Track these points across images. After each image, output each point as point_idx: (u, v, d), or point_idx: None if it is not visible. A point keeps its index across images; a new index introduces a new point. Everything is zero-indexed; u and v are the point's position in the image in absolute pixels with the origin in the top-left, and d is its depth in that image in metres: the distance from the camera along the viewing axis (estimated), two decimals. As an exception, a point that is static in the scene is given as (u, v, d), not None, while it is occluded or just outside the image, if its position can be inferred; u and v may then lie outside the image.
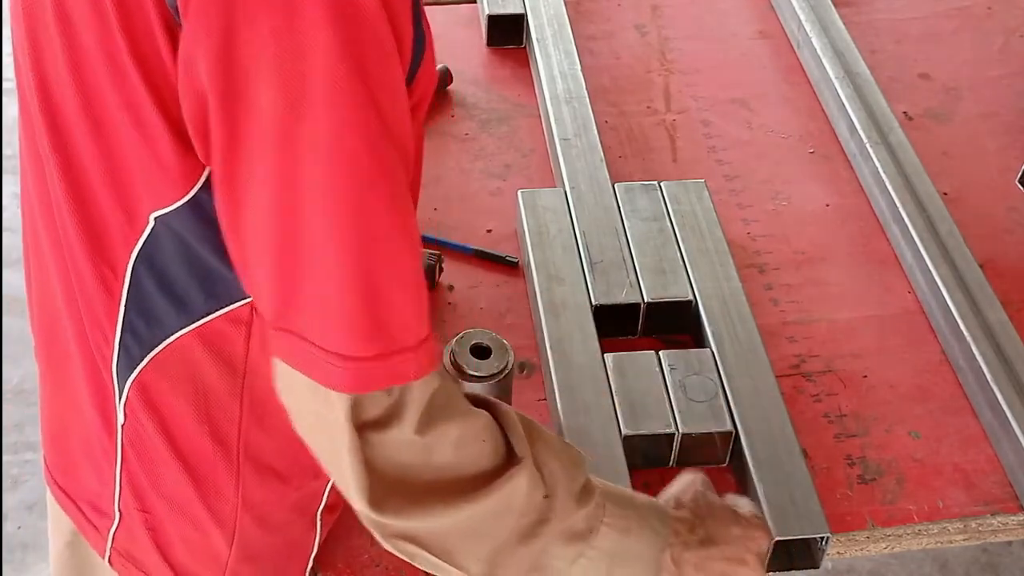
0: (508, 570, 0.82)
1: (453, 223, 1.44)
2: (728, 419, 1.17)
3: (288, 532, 1.00)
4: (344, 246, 0.69)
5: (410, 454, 0.77)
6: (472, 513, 0.79)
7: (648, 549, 0.89)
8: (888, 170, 1.47)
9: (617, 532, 0.86)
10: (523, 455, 0.81)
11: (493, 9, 1.71)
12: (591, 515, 0.85)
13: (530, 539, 0.82)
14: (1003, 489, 1.19)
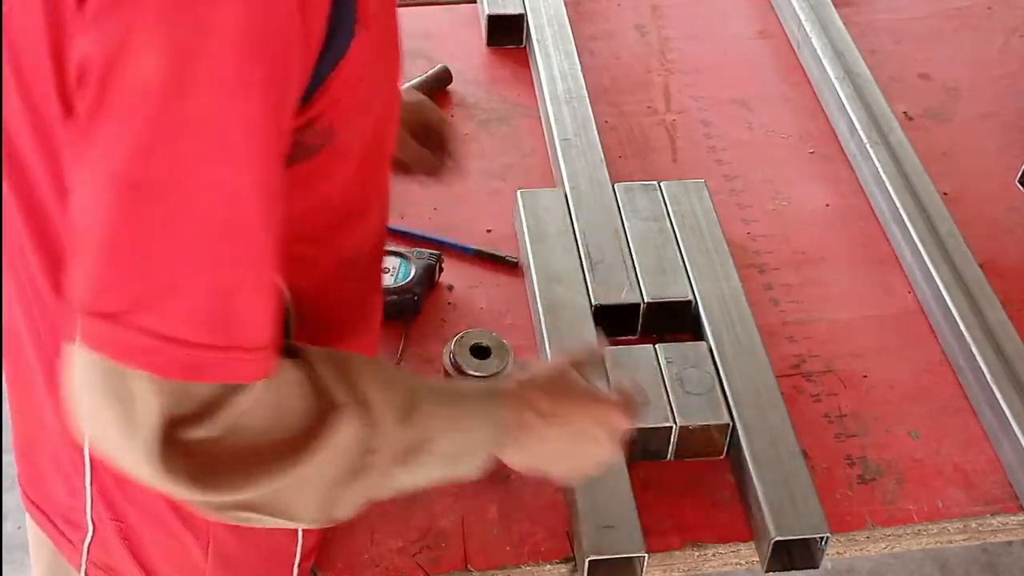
0: (345, 506, 0.81)
1: (453, 223, 1.44)
2: (725, 412, 1.17)
3: (267, 540, 0.99)
4: (201, 231, 0.67)
5: (218, 440, 0.73)
6: (302, 471, 0.76)
7: (486, 438, 0.88)
8: (888, 170, 1.47)
9: (450, 435, 0.85)
10: (342, 399, 0.78)
11: (493, 9, 1.71)
12: (421, 430, 0.82)
13: (363, 472, 0.79)
14: (1003, 489, 1.19)
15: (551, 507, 1.15)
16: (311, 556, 1.07)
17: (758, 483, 1.12)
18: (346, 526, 1.12)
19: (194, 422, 0.71)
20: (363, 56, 0.75)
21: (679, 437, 1.17)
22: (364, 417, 0.78)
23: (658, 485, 1.17)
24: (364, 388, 0.79)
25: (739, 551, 1.14)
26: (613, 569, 1.09)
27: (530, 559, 1.11)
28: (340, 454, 0.77)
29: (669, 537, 1.13)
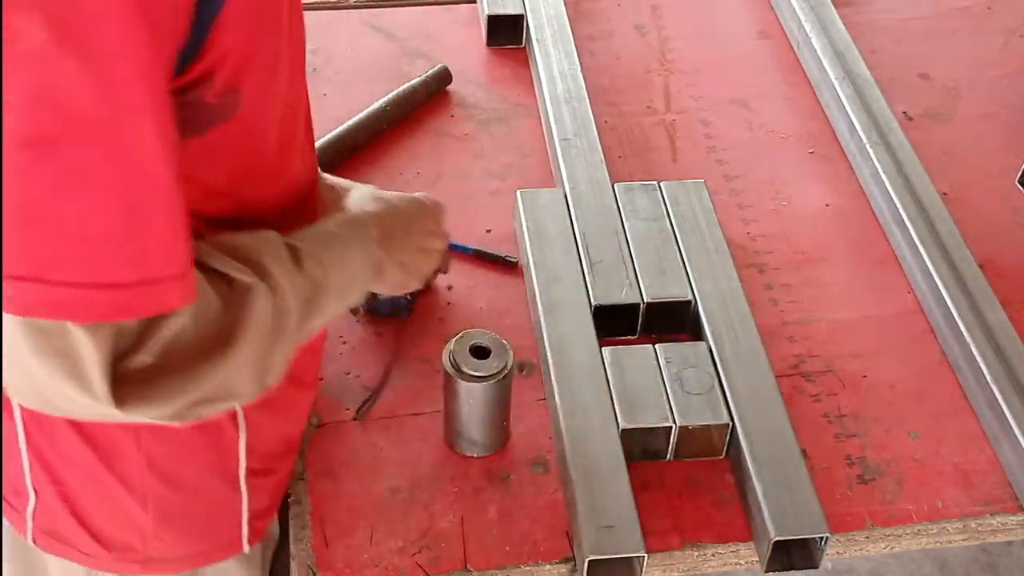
0: (275, 369, 0.85)
1: (453, 223, 1.43)
2: (725, 412, 1.18)
3: (207, 495, 1.01)
4: (102, 177, 0.68)
5: (161, 359, 0.76)
6: (236, 355, 0.80)
7: (364, 266, 0.96)
8: (888, 170, 1.47)
9: (337, 273, 0.91)
10: (248, 280, 0.81)
11: (493, 9, 1.71)
12: (314, 278, 0.88)
13: (282, 334, 0.84)
14: (1002, 489, 1.19)
15: (551, 507, 1.15)
16: (265, 516, 1.07)
17: (758, 483, 1.12)
18: (346, 526, 1.12)
19: (135, 352, 0.74)
20: (246, 8, 0.75)
21: (679, 437, 1.17)
22: (271, 287, 0.82)
23: (658, 485, 1.17)
24: (260, 261, 0.83)
25: (739, 551, 1.14)
26: (613, 569, 1.09)
27: (530, 559, 1.11)
28: (262, 327, 0.82)
29: (669, 537, 1.13)
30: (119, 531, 1.01)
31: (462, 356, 1.12)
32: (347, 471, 1.17)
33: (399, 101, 1.58)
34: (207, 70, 0.75)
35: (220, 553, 1.06)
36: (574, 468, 1.13)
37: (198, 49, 0.74)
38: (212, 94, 0.77)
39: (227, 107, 0.79)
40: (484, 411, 1.14)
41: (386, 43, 1.74)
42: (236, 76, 0.78)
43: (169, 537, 1.01)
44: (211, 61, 0.75)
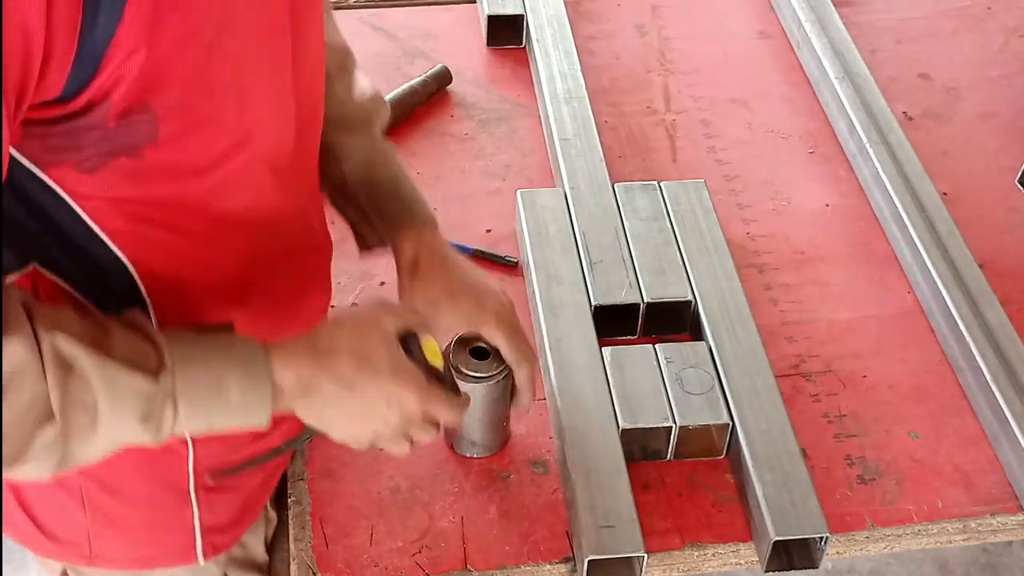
0: (31, 454, 0.77)
1: (453, 223, 1.44)
2: (725, 412, 1.18)
3: (153, 505, 1.00)
4: None
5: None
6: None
7: (246, 399, 0.84)
8: (888, 170, 1.47)
9: (200, 397, 0.82)
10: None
11: (493, 9, 1.71)
12: (155, 393, 0.80)
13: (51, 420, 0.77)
14: (1003, 489, 1.19)
15: (551, 507, 1.15)
16: (226, 532, 1.07)
17: (758, 483, 1.12)
18: (346, 526, 1.12)
19: None
20: (155, 25, 0.73)
21: (679, 437, 1.17)
22: (40, 349, 0.76)
23: (658, 485, 1.17)
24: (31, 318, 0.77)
25: (739, 551, 1.14)
26: (613, 569, 1.09)
27: (530, 559, 1.11)
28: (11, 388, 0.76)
29: (669, 537, 1.13)
30: (61, 526, 1.01)
31: (461, 357, 1.12)
32: (347, 471, 1.17)
33: (399, 101, 1.58)
34: (100, 93, 0.73)
35: (170, 559, 1.05)
36: (574, 468, 1.13)
37: (89, 75, 0.72)
38: (112, 117, 0.75)
39: (138, 128, 0.76)
40: (483, 412, 1.14)
41: (386, 43, 1.74)
42: (139, 96, 0.75)
43: (113, 538, 1.01)
44: (102, 85, 0.73)
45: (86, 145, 0.77)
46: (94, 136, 0.76)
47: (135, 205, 0.83)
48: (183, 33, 0.75)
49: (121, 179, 0.80)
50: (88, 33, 0.70)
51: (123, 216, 0.83)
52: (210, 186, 0.85)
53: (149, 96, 0.76)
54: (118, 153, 0.78)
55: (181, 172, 0.82)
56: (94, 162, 0.78)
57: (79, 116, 0.74)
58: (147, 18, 0.72)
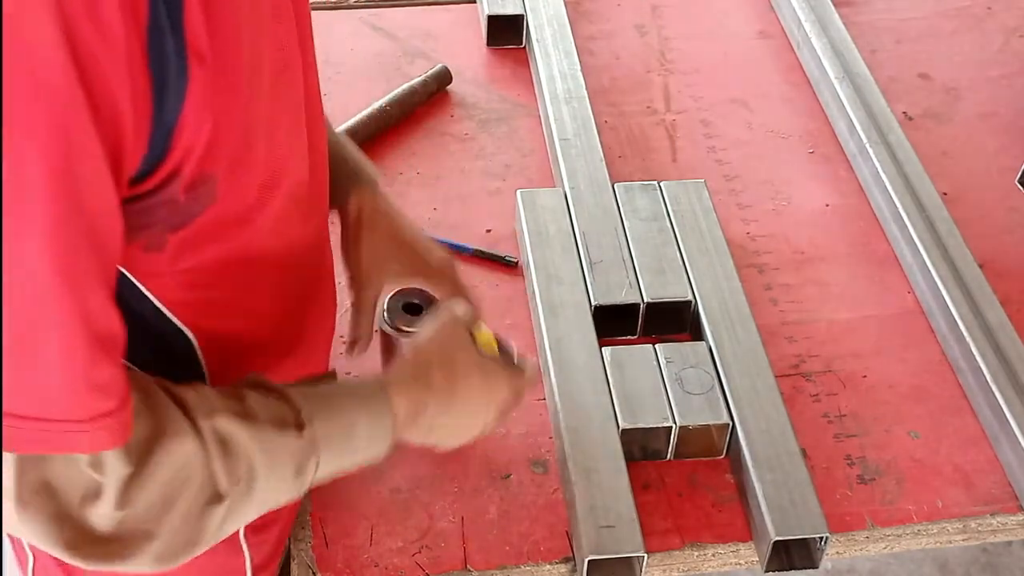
0: (207, 535, 0.81)
1: (453, 223, 1.44)
2: (725, 412, 1.18)
3: (207, 556, 1.00)
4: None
5: (113, 522, 0.75)
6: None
7: (371, 434, 0.89)
8: (888, 170, 1.47)
9: (335, 443, 0.86)
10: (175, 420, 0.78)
11: (493, 9, 1.71)
12: (303, 448, 0.84)
13: (220, 495, 0.80)
14: (1003, 489, 1.19)
15: (551, 507, 1.15)
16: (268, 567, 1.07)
17: (758, 483, 1.12)
18: (346, 526, 1.12)
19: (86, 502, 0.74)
20: (213, 93, 0.73)
21: (679, 437, 1.17)
22: (199, 436, 0.78)
23: (658, 485, 1.17)
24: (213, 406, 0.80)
25: (739, 551, 1.14)
26: (612, 569, 1.09)
27: (530, 559, 1.11)
28: (176, 482, 0.78)
29: (669, 537, 1.13)
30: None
31: (395, 313, 1.15)
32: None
33: (399, 101, 1.58)
34: (174, 168, 0.73)
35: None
36: (574, 468, 1.13)
37: (163, 151, 0.72)
38: (182, 191, 0.75)
39: (202, 198, 0.77)
40: None
41: (386, 43, 1.74)
42: (205, 166, 0.75)
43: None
44: (176, 159, 0.73)
45: (156, 222, 0.76)
46: (164, 212, 0.76)
47: (192, 273, 0.83)
48: (231, 91, 0.75)
49: (181, 250, 0.80)
50: (159, 109, 0.70)
51: (183, 287, 0.83)
52: (252, 232, 0.85)
53: (210, 164, 0.76)
54: (180, 227, 0.78)
55: (229, 226, 0.82)
56: (160, 240, 0.78)
57: (152, 194, 0.74)
58: (208, 87, 0.72)
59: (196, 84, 0.71)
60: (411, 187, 1.49)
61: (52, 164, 0.63)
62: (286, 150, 0.86)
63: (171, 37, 0.68)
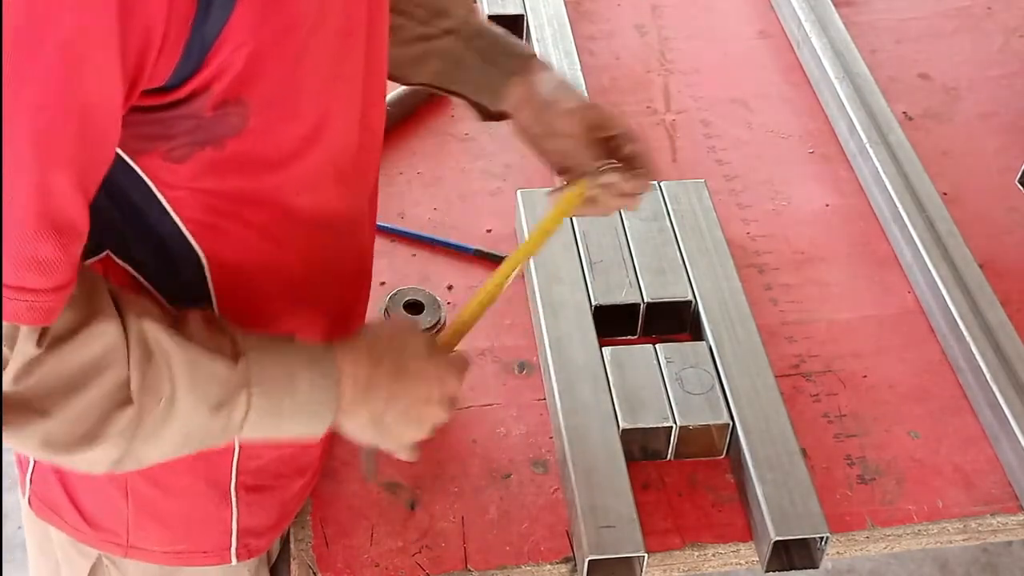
0: (105, 438, 0.79)
1: (453, 223, 1.44)
2: (725, 412, 1.18)
3: (195, 502, 1.01)
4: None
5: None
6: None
7: (313, 391, 0.85)
8: (888, 170, 1.47)
9: (271, 387, 0.83)
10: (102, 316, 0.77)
11: (493, 9, 1.71)
12: (233, 379, 0.82)
13: (128, 405, 0.79)
14: (1003, 489, 1.19)
15: (551, 507, 1.15)
16: (263, 535, 1.07)
17: (758, 483, 1.12)
18: (346, 526, 1.12)
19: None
20: (261, 22, 0.74)
21: (679, 437, 1.17)
22: (128, 334, 0.78)
23: (658, 485, 1.17)
24: (142, 312, 0.79)
25: (739, 551, 1.14)
26: (613, 569, 1.09)
27: (530, 559, 1.11)
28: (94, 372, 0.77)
29: (669, 537, 1.13)
30: (102, 514, 1.01)
31: (396, 311, 1.15)
32: (347, 471, 1.17)
33: (400, 101, 1.58)
34: (203, 84, 0.75)
35: (203, 558, 1.05)
36: (574, 468, 1.13)
37: (196, 66, 0.73)
38: (210, 107, 0.76)
39: (230, 119, 0.78)
40: None
41: (386, 43, 1.74)
42: (237, 89, 0.76)
43: (151, 529, 1.02)
44: (207, 76, 0.74)
45: (179, 134, 0.77)
46: (188, 125, 0.77)
47: (213, 196, 0.83)
48: (283, 28, 0.76)
49: (203, 170, 0.80)
50: (199, 25, 0.71)
51: (202, 207, 0.83)
52: (282, 181, 0.86)
53: (245, 89, 0.77)
54: (206, 143, 0.78)
55: (258, 165, 0.83)
56: (183, 152, 0.78)
57: (178, 105, 0.75)
58: (256, 13, 0.73)
59: (243, 8, 0.72)
60: (412, 187, 1.49)
61: (63, 44, 0.64)
62: (336, 113, 0.87)
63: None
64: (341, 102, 0.87)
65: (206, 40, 0.72)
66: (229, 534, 1.04)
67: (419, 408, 0.92)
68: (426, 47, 1.07)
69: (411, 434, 0.93)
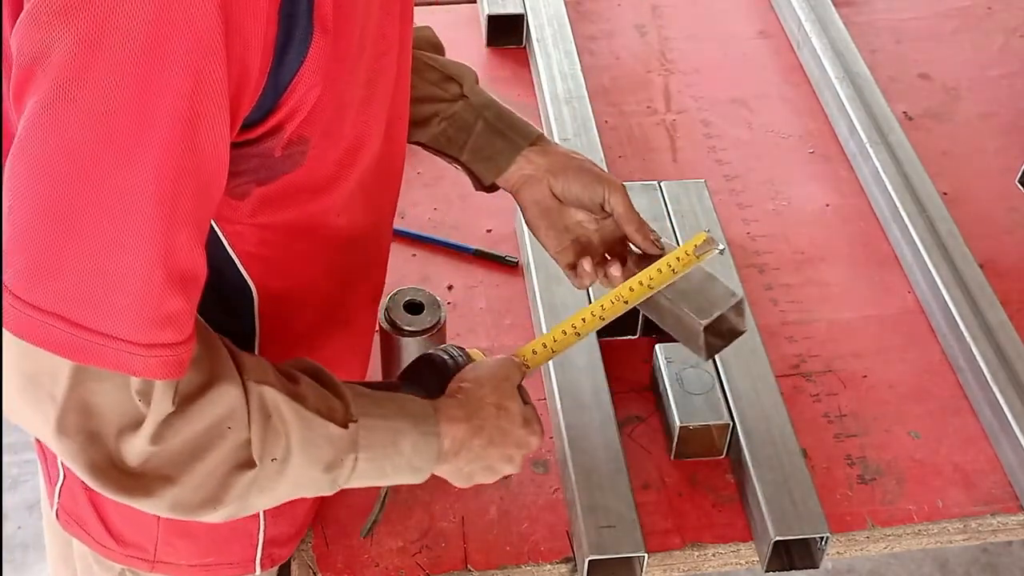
0: (227, 501, 0.81)
1: (453, 223, 1.44)
2: (725, 412, 1.18)
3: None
4: (88, 214, 0.67)
5: (144, 458, 0.77)
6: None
7: (416, 452, 0.89)
8: (888, 170, 1.47)
9: (377, 448, 0.87)
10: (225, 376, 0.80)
11: (493, 9, 1.71)
12: (344, 441, 0.85)
13: (248, 465, 0.81)
14: (1003, 489, 1.19)
15: (551, 507, 1.15)
16: (285, 544, 1.07)
17: (758, 483, 1.12)
18: (346, 527, 1.12)
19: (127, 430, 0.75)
20: (329, 63, 0.75)
21: (679, 437, 1.17)
22: (248, 396, 0.80)
23: (658, 485, 1.17)
24: (264, 374, 0.81)
25: (739, 551, 1.14)
26: (613, 569, 1.09)
27: (530, 559, 1.11)
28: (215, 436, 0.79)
29: (669, 537, 1.13)
30: (131, 530, 1.02)
31: (396, 312, 1.15)
32: (347, 471, 1.17)
33: (399, 101, 1.58)
34: (276, 126, 0.76)
35: (229, 570, 1.05)
36: (574, 468, 1.13)
37: (270, 108, 0.74)
38: (280, 147, 0.77)
39: (294, 157, 0.79)
40: None
41: (386, 43, 1.74)
42: (304, 128, 0.78)
43: (179, 545, 1.02)
44: (280, 118, 0.75)
45: (245, 172, 0.78)
46: (254, 164, 0.78)
47: (267, 230, 0.84)
48: (343, 66, 0.78)
49: (260, 204, 0.82)
50: (276, 68, 0.72)
51: (256, 240, 0.85)
52: (326, 206, 0.87)
53: (310, 128, 0.78)
54: (267, 180, 0.80)
55: (307, 193, 0.84)
56: (244, 188, 0.80)
57: (251, 145, 0.76)
58: (326, 55, 0.75)
59: (316, 50, 0.74)
60: (412, 187, 1.49)
61: (181, 100, 0.66)
62: (369, 134, 0.88)
63: (304, 1, 0.71)
64: (374, 121, 0.88)
65: (281, 83, 0.73)
66: (255, 546, 1.05)
67: (500, 464, 0.96)
68: (435, 108, 1.09)
69: (484, 480, 0.97)
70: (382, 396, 0.90)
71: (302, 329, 0.95)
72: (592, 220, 1.08)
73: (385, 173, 0.95)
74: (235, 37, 0.67)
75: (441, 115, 1.09)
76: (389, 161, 0.95)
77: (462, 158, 1.10)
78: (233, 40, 0.67)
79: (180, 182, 0.69)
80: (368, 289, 1.04)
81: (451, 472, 0.94)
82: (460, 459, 0.93)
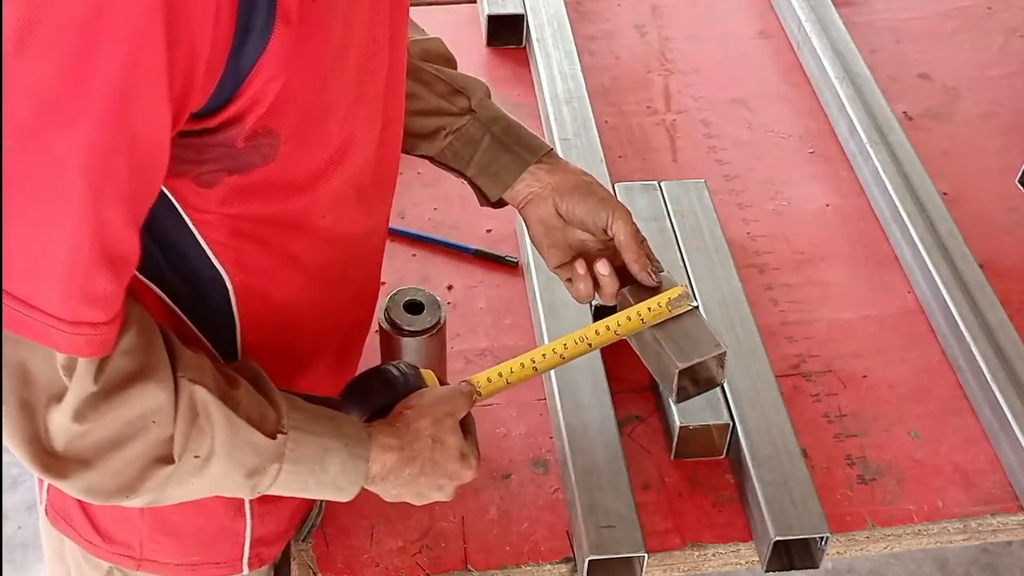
0: (140, 489, 0.82)
1: (453, 223, 1.44)
2: (725, 412, 1.18)
3: (210, 514, 1.01)
4: (18, 186, 0.67)
5: (67, 438, 0.77)
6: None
7: (341, 472, 0.89)
8: (888, 170, 1.47)
9: (303, 463, 0.87)
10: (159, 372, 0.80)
11: (493, 9, 1.71)
12: (269, 452, 0.85)
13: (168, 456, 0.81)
14: (1003, 489, 1.19)
15: (551, 507, 1.15)
16: (273, 544, 1.07)
17: (758, 483, 1.12)
18: (345, 527, 1.12)
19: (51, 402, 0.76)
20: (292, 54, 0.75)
21: (679, 437, 1.17)
22: (178, 392, 0.80)
23: (658, 485, 1.17)
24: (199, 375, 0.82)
25: (739, 551, 1.14)
26: (613, 569, 1.09)
27: (530, 559, 1.11)
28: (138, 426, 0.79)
29: (669, 537, 1.13)
30: (117, 528, 1.02)
31: (396, 312, 1.15)
32: (347, 471, 1.17)
33: (399, 101, 1.58)
34: (235, 116, 0.75)
35: (216, 569, 1.06)
36: (574, 468, 1.13)
37: (229, 97, 0.74)
38: (242, 138, 0.77)
39: (262, 150, 0.79)
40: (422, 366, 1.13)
41: (386, 43, 1.74)
42: (269, 120, 0.77)
43: (165, 543, 1.02)
44: (239, 108, 0.75)
45: (210, 160, 0.78)
46: (219, 153, 0.78)
47: (239, 220, 0.84)
48: (313, 58, 0.77)
49: (231, 194, 0.81)
50: (235, 55, 0.72)
51: (227, 230, 0.84)
52: (308, 204, 0.87)
53: (276, 121, 0.78)
54: (235, 171, 0.79)
55: (285, 189, 0.84)
56: (212, 177, 0.80)
57: (212, 133, 0.76)
58: (289, 46, 0.74)
59: (277, 41, 0.73)
60: (412, 187, 1.49)
61: (114, 79, 0.65)
62: (359, 134, 0.87)
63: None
64: (365, 123, 0.88)
65: (240, 71, 0.73)
66: (242, 545, 1.05)
67: (430, 492, 0.97)
68: (442, 122, 1.09)
69: (412, 502, 0.98)
70: (320, 412, 0.90)
71: (285, 328, 0.95)
72: (596, 240, 1.08)
73: (379, 176, 0.95)
74: (180, 21, 0.66)
75: (448, 129, 1.09)
76: (383, 164, 0.95)
77: (468, 173, 1.09)
78: (177, 24, 0.66)
79: (111, 160, 0.68)
80: (358, 290, 1.04)
81: (379, 491, 0.95)
82: (388, 483, 0.93)
